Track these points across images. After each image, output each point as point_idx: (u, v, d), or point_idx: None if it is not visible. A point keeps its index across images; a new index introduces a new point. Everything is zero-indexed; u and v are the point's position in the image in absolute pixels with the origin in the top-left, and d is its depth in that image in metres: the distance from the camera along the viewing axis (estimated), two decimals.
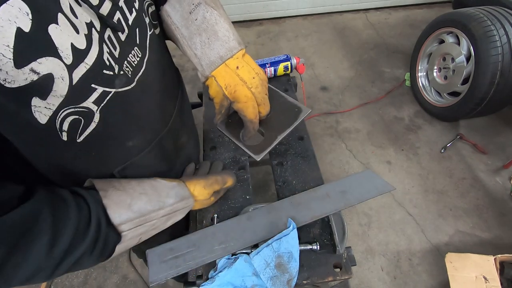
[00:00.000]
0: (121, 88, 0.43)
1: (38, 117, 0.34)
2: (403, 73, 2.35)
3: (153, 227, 0.50)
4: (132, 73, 0.45)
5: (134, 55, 0.46)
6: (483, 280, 1.18)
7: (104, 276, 1.50)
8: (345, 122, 2.08)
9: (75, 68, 0.35)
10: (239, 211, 0.69)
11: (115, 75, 0.41)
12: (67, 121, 0.38)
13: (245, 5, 2.82)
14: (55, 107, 0.35)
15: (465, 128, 1.99)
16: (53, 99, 0.34)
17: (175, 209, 0.53)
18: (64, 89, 0.35)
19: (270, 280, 0.56)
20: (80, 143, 0.41)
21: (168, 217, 0.53)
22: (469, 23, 1.64)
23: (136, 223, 0.47)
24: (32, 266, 0.35)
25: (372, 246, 1.53)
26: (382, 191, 0.68)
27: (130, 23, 0.45)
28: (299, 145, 0.83)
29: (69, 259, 0.39)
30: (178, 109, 0.62)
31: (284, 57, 1.05)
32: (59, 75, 0.33)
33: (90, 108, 0.39)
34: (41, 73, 0.32)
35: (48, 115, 0.35)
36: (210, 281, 0.57)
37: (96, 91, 0.39)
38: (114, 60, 0.41)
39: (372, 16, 2.93)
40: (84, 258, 0.41)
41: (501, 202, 1.65)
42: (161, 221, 0.52)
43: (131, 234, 0.47)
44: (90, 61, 0.36)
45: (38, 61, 0.31)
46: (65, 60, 0.34)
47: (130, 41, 0.45)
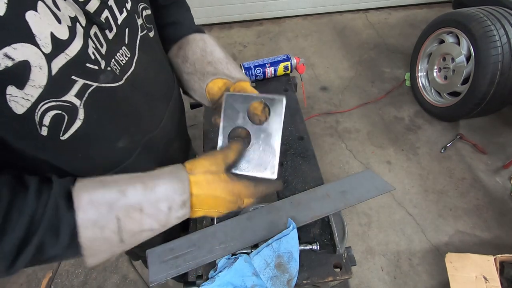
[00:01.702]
0: (106, 83, 0.42)
1: (13, 106, 0.32)
2: (403, 73, 2.35)
3: (124, 195, 0.39)
4: (120, 71, 0.45)
5: (122, 54, 0.45)
6: (483, 280, 1.18)
7: (104, 276, 1.50)
8: (345, 122, 2.08)
9: (55, 58, 0.34)
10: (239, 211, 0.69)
11: (101, 70, 0.41)
12: (49, 116, 0.36)
13: (245, 5, 2.82)
14: (34, 99, 0.34)
15: (465, 128, 1.99)
16: (32, 89, 0.33)
17: (155, 176, 0.42)
18: (42, 79, 0.33)
19: (270, 280, 0.56)
20: (64, 141, 0.40)
21: (145, 183, 0.40)
22: (469, 23, 1.64)
23: (96, 182, 0.39)
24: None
25: (372, 246, 1.53)
26: (382, 191, 0.68)
27: (119, 23, 0.45)
28: (299, 145, 0.83)
29: (28, 249, 0.35)
30: (170, 111, 0.62)
31: (284, 57, 1.05)
32: (37, 64, 0.33)
33: (73, 102, 0.38)
34: (16, 59, 0.31)
35: (26, 106, 0.33)
36: (210, 281, 0.57)
37: (77, 83, 0.38)
38: (100, 56, 0.41)
39: (372, 16, 2.93)
40: (47, 248, 0.36)
41: (501, 202, 1.65)
42: (135, 189, 0.39)
43: (87, 195, 0.37)
44: (71, 53, 0.36)
45: (13, 47, 0.30)
46: (43, 49, 0.33)
47: (118, 40, 0.45)
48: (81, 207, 0.36)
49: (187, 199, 0.42)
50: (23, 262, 0.35)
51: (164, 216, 0.41)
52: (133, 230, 0.40)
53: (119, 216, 0.38)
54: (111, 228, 0.38)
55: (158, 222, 0.41)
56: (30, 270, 1.53)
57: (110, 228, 0.38)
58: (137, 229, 0.40)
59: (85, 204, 0.36)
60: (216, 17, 2.88)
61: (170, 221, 0.43)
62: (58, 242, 0.36)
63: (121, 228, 0.39)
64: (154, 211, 0.40)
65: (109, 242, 0.39)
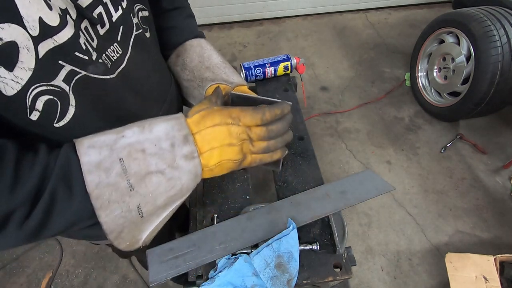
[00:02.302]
0: (97, 74, 0.43)
1: (2, 87, 0.33)
2: (403, 73, 2.35)
3: (122, 136, 0.39)
4: (111, 65, 0.46)
5: (113, 50, 0.46)
6: (483, 280, 1.18)
7: (104, 276, 1.50)
8: (345, 122, 2.08)
9: (41, 41, 0.35)
10: (239, 211, 0.69)
11: (91, 61, 0.41)
12: (41, 101, 0.37)
13: (245, 5, 2.82)
14: (24, 82, 0.34)
15: (465, 128, 1.99)
16: (21, 71, 0.34)
17: (150, 122, 0.41)
18: (31, 61, 0.34)
19: (270, 280, 0.56)
20: (58, 128, 0.40)
21: (141, 126, 0.40)
22: (469, 23, 1.64)
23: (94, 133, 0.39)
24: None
25: (372, 246, 1.53)
26: (382, 191, 0.68)
27: (114, 20, 0.46)
28: (299, 145, 0.84)
29: (42, 202, 0.35)
30: (164, 113, 0.61)
31: (284, 57, 1.05)
32: (24, 45, 0.33)
33: (62, 87, 0.38)
34: (3, 39, 0.32)
35: (16, 89, 0.34)
36: (210, 281, 0.57)
37: (64, 68, 0.38)
38: (91, 48, 0.41)
39: (372, 16, 2.93)
40: (58, 198, 0.35)
41: (501, 202, 1.65)
42: (132, 130, 0.39)
43: (87, 141, 0.38)
44: (60, 39, 0.37)
45: (1, 26, 0.31)
46: (30, 31, 0.34)
47: (110, 36, 0.46)
48: (83, 151, 0.37)
49: (188, 134, 0.41)
50: (37, 216, 0.34)
51: (169, 154, 0.39)
52: (140, 173, 0.38)
53: (122, 157, 0.37)
54: (116, 170, 0.37)
55: (164, 161, 0.39)
56: (30, 270, 1.53)
57: (115, 170, 0.37)
58: (144, 171, 0.38)
59: (86, 148, 0.37)
60: (216, 17, 2.88)
61: (178, 161, 0.40)
62: (71, 190, 0.36)
63: (126, 170, 0.37)
64: (157, 150, 0.39)
65: (117, 188, 0.37)
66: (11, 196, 0.33)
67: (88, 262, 1.55)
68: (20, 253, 1.59)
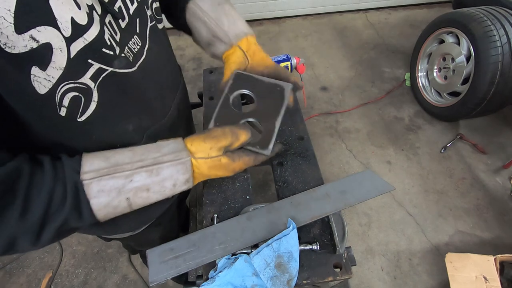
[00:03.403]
0: (120, 69, 0.44)
1: (36, 86, 0.35)
2: (403, 73, 2.35)
3: (130, 180, 0.43)
4: (133, 58, 0.47)
5: (134, 42, 0.48)
6: (483, 280, 1.18)
7: (104, 276, 1.50)
8: (345, 122, 2.08)
9: (73, 42, 0.36)
10: (239, 211, 0.69)
11: (115, 56, 0.43)
12: (68, 97, 0.38)
13: (245, 5, 2.82)
14: (55, 80, 0.36)
15: (465, 128, 1.99)
16: (53, 71, 0.35)
17: (159, 161, 0.45)
18: (62, 61, 0.36)
19: (270, 280, 0.56)
20: (81, 123, 0.42)
21: (150, 171, 0.44)
22: (469, 23, 1.64)
23: (103, 173, 0.41)
24: (8, 230, 0.36)
25: (372, 246, 1.53)
26: (382, 191, 0.68)
27: (131, 13, 0.47)
28: (299, 145, 0.83)
29: (50, 225, 0.38)
30: (176, 103, 0.64)
31: (284, 57, 1.05)
32: (58, 46, 0.34)
33: (88, 84, 0.40)
34: (40, 41, 0.33)
35: (48, 87, 0.36)
36: (210, 281, 0.57)
37: (93, 67, 0.40)
38: (115, 43, 0.43)
39: (372, 16, 2.93)
40: (71, 223, 0.40)
41: (501, 202, 1.65)
42: (140, 175, 0.43)
43: (96, 185, 0.41)
44: (89, 37, 0.38)
45: (38, 29, 0.32)
46: (64, 32, 0.35)
47: (130, 29, 0.47)
48: (93, 194, 0.41)
49: (190, 177, 0.47)
50: (48, 237, 0.39)
51: (170, 191, 0.47)
52: (142, 205, 0.46)
53: (129, 196, 0.44)
54: (123, 206, 0.44)
55: (163, 196, 0.47)
56: (30, 270, 1.53)
57: (122, 206, 0.44)
58: (146, 203, 0.46)
59: (95, 192, 0.41)
60: None
61: (175, 193, 0.48)
62: (81, 219, 0.41)
63: (131, 205, 0.45)
64: (160, 189, 0.46)
65: (123, 212, 0.45)
66: (21, 222, 0.36)
67: (88, 262, 1.55)
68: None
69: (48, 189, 0.38)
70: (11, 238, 0.37)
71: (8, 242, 0.37)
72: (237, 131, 0.49)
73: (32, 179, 0.37)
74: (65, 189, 0.39)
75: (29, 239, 0.38)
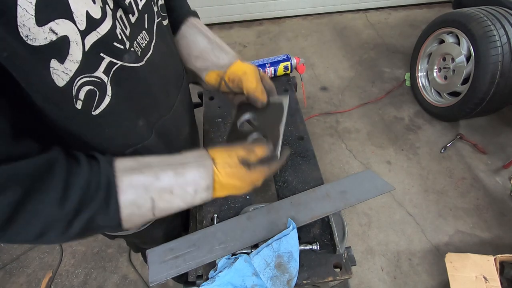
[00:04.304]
0: (129, 63, 0.45)
1: (55, 79, 0.36)
2: (403, 73, 2.35)
3: (158, 178, 0.45)
4: (141, 53, 0.48)
5: (142, 37, 0.49)
6: (483, 280, 1.18)
7: (104, 276, 1.50)
8: (345, 122, 2.08)
9: (87, 35, 0.37)
10: (239, 211, 0.69)
11: (125, 50, 0.44)
12: (83, 91, 0.39)
13: (245, 5, 2.82)
14: (72, 73, 0.37)
15: (465, 128, 1.99)
16: (70, 64, 0.36)
17: (184, 161, 0.48)
18: (78, 54, 0.37)
19: (270, 280, 0.56)
20: (95, 116, 0.43)
21: (175, 170, 0.46)
22: (469, 23, 1.64)
23: (134, 169, 0.44)
24: (45, 216, 0.37)
25: (372, 246, 1.53)
26: (382, 191, 0.68)
27: (140, 8, 0.48)
28: (299, 145, 0.84)
29: (81, 216, 0.39)
30: (181, 97, 0.65)
31: (284, 57, 1.05)
32: (74, 39, 0.36)
33: (102, 78, 0.41)
34: (58, 33, 0.34)
35: (66, 80, 0.37)
36: (210, 281, 0.57)
37: (104, 60, 0.41)
38: (125, 37, 0.44)
39: (372, 16, 2.93)
40: (98, 218, 0.41)
41: (501, 202, 1.65)
42: (167, 174, 0.46)
43: (127, 179, 0.43)
44: (102, 31, 0.39)
45: (56, 22, 0.33)
46: (79, 26, 0.36)
47: (139, 24, 0.48)
48: (123, 189, 0.42)
49: (211, 184, 0.49)
50: (75, 230, 0.40)
51: (191, 198, 0.48)
52: (164, 208, 0.47)
53: (154, 197, 0.45)
54: (147, 206, 0.45)
55: (185, 202, 0.48)
56: (30, 270, 1.53)
57: (146, 207, 0.45)
58: (167, 207, 0.47)
59: (125, 186, 0.42)
60: (216, 17, 2.88)
61: (195, 202, 0.49)
62: (107, 215, 0.42)
63: (155, 207, 0.46)
64: (182, 193, 0.47)
65: (144, 216, 0.46)
66: (58, 208, 0.37)
67: (88, 262, 1.55)
68: (20, 253, 1.59)
69: (86, 178, 0.39)
70: (46, 225, 0.37)
71: (42, 228, 0.37)
72: (252, 147, 0.54)
73: (70, 168, 0.39)
74: (99, 179, 0.41)
75: (60, 228, 0.39)
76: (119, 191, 0.42)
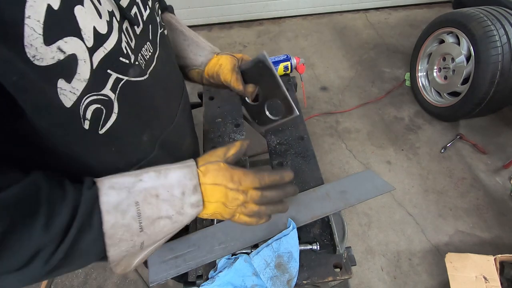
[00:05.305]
0: (134, 77, 0.44)
1: (63, 99, 0.34)
2: (403, 73, 2.35)
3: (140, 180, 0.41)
4: (145, 66, 0.47)
5: (146, 49, 0.48)
6: (483, 280, 1.18)
7: (104, 276, 1.50)
8: (345, 122, 2.08)
9: (95, 52, 0.36)
10: None
11: (130, 64, 0.43)
12: (90, 110, 0.38)
13: (245, 5, 2.82)
14: (79, 92, 0.35)
15: (465, 128, 1.99)
16: (77, 83, 0.35)
17: (167, 166, 0.44)
18: (86, 72, 0.35)
19: (270, 280, 0.56)
20: (102, 135, 0.41)
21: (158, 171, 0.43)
22: (469, 23, 1.64)
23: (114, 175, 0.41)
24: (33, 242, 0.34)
25: (372, 246, 1.53)
26: (382, 191, 0.68)
27: (144, 19, 0.47)
28: (299, 145, 0.84)
29: (68, 239, 0.36)
30: (181, 108, 0.64)
31: (284, 57, 1.05)
32: (82, 57, 0.34)
33: (109, 96, 0.40)
34: (66, 52, 0.32)
35: (73, 100, 0.35)
36: (210, 281, 0.57)
37: (111, 77, 0.39)
38: (130, 50, 0.43)
39: (372, 16, 2.93)
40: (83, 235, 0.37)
41: (501, 202, 1.65)
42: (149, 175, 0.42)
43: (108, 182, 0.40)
44: (108, 47, 0.37)
45: (64, 40, 0.32)
46: (87, 43, 0.34)
47: (144, 35, 0.47)
48: (104, 191, 0.38)
49: (197, 184, 0.44)
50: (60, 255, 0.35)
51: (179, 202, 0.43)
52: (152, 217, 0.41)
53: (138, 201, 0.40)
54: (131, 213, 0.40)
55: (173, 208, 0.43)
56: None
57: (130, 213, 0.40)
58: (155, 215, 0.41)
59: (106, 188, 0.39)
60: (216, 17, 2.88)
61: (185, 209, 0.44)
62: (91, 226, 0.37)
63: (140, 214, 0.40)
64: (169, 197, 0.42)
65: (130, 229, 0.40)
66: (44, 233, 0.34)
67: None
68: None
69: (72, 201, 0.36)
70: (33, 252, 0.34)
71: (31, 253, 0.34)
72: (230, 144, 0.52)
73: (53, 191, 0.36)
74: (81, 196, 0.38)
75: (46, 255, 0.35)
76: (100, 194, 0.38)
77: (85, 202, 0.37)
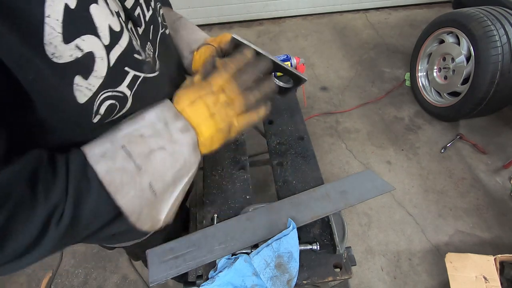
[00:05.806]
0: (148, 74, 0.44)
1: (77, 95, 0.35)
2: (403, 73, 2.35)
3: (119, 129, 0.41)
4: (152, 63, 0.48)
5: (148, 49, 0.48)
6: (483, 280, 1.18)
7: (104, 276, 1.50)
8: (345, 122, 2.08)
9: (112, 49, 0.36)
10: (239, 211, 0.69)
11: (144, 61, 0.43)
12: (105, 105, 0.38)
13: (245, 5, 2.82)
14: (95, 89, 0.36)
15: (465, 128, 1.99)
16: (94, 80, 0.35)
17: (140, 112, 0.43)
18: (103, 70, 0.36)
19: (270, 280, 0.56)
20: (107, 123, 0.41)
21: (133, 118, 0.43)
22: (469, 23, 1.64)
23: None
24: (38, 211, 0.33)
25: (372, 246, 1.53)
26: (382, 191, 0.68)
27: (147, 19, 0.48)
28: (299, 145, 0.84)
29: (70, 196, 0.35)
30: None
31: (284, 57, 1.05)
32: (99, 55, 0.35)
33: (125, 92, 0.40)
34: (84, 50, 0.33)
35: (88, 96, 0.35)
36: (210, 281, 0.57)
37: (129, 74, 0.40)
38: (139, 47, 0.43)
39: (372, 16, 2.93)
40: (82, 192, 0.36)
41: (501, 202, 1.65)
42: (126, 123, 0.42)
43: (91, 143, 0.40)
44: (123, 44, 0.38)
45: (82, 38, 0.33)
46: (103, 40, 0.35)
47: (145, 35, 0.47)
48: (87, 148, 0.38)
49: (176, 111, 0.44)
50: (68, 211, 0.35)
51: (165, 132, 0.42)
52: (143, 152, 0.40)
53: (123, 144, 0.40)
54: (121, 156, 0.39)
55: (162, 138, 0.42)
56: (30, 270, 1.53)
57: (120, 156, 0.39)
58: (146, 150, 0.41)
59: (89, 147, 0.39)
60: (216, 17, 2.88)
61: (175, 136, 0.42)
62: (89, 187, 0.37)
63: (130, 153, 0.40)
64: (153, 132, 0.42)
65: (126, 170, 0.39)
66: (45, 200, 0.34)
67: (88, 262, 1.55)
68: None
69: (65, 164, 0.36)
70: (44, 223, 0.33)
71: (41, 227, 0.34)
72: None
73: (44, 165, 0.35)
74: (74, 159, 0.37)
75: (57, 216, 0.34)
76: (84, 151, 0.38)
77: (73, 162, 0.37)
